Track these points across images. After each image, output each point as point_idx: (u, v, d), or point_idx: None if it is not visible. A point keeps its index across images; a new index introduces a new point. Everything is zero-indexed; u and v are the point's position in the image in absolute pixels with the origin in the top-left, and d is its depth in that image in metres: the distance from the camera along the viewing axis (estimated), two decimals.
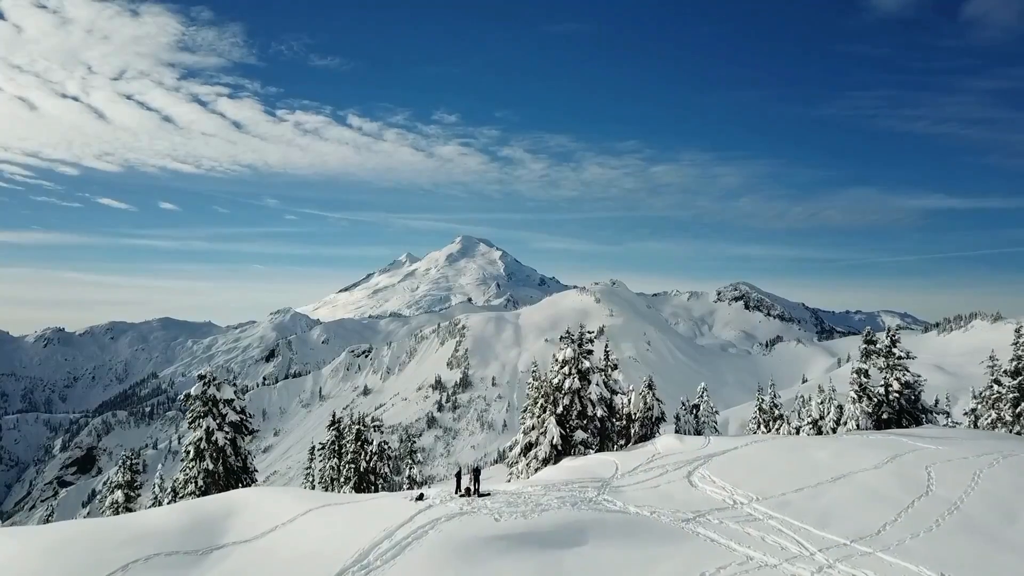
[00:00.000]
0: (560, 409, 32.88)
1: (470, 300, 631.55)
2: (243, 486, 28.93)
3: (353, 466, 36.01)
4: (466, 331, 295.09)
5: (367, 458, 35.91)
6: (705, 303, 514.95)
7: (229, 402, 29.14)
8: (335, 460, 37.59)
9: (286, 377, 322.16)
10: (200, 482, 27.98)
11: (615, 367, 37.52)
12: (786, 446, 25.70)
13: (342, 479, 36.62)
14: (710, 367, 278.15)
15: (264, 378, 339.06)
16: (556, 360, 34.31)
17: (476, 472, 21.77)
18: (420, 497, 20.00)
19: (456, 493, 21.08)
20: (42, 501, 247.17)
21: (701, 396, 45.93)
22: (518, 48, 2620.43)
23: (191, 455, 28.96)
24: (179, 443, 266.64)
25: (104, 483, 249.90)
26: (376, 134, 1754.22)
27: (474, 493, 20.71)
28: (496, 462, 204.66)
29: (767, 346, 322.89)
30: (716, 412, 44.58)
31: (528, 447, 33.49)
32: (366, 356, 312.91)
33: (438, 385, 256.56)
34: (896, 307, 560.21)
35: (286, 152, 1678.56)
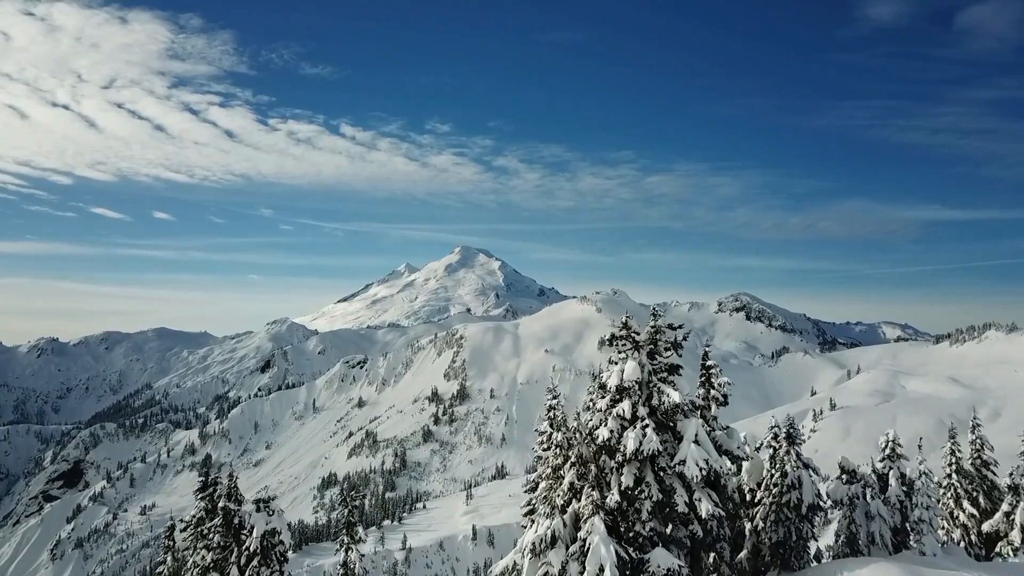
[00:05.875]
0: (615, 497, 15.53)
1: (469, 310, 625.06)
2: None
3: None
4: (464, 341, 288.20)
5: (242, 558, 19.96)
6: (706, 314, 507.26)
7: None
8: (204, 552, 20.91)
9: (279, 388, 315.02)
10: None
11: (724, 399, 18.06)
12: None
13: None
14: None
15: (259, 389, 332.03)
16: (600, 388, 16.73)
17: None
18: None
19: None
20: (27, 516, 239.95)
21: (889, 450, 21.97)
22: (510, 57, 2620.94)
23: None
24: (168, 456, 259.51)
25: (90, 498, 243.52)
26: (369, 143, 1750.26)
27: None
28: (494, 478, 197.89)
29: (772, 357, 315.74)
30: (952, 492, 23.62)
31: None
32: (361, 367, 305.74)
33: (435, 397, 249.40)
34: (897, 318, 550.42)
35: (279, 162, 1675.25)
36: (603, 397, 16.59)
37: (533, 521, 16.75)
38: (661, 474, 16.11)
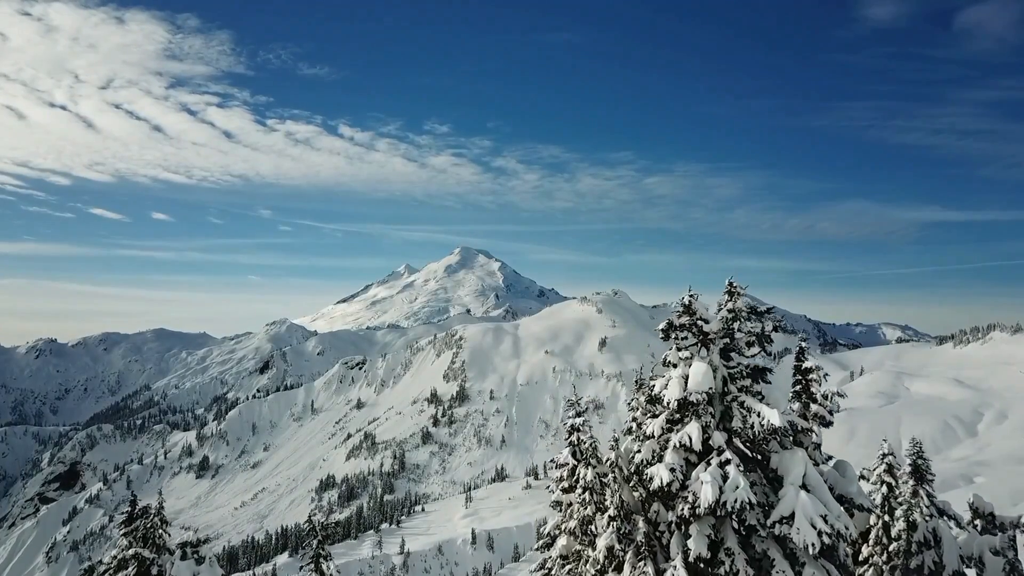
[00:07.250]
0: (680, 573, 9.95)
1: (469, 311, 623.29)
2: None
3: None
4: (463, 342, 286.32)
5: None
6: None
7: None
8: None
9: (277, 390, 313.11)
10: None
11: (830, 418, 11.93)
12: None
13: None
14: None
15: (258, 390, 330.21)
16: (651, 402, 11.37)
17: None
18: None
19: None
20: (23, 518, 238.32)
21: None
22: (510, 57, 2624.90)
23: None
24: (165, 458, 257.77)
25: (86, 500, 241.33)
26: (368, 144, 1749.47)
27: None
28: (493, 480, 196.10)
29: (774, 358, 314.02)
30: None
31: None
32: (360, 368, 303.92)
33: (434, 398, 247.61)
34: (896, 319, 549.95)
35: (278, 162, 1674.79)
36: (655, 416, 10.77)
37: None
38: (749, 536, 10.12)
